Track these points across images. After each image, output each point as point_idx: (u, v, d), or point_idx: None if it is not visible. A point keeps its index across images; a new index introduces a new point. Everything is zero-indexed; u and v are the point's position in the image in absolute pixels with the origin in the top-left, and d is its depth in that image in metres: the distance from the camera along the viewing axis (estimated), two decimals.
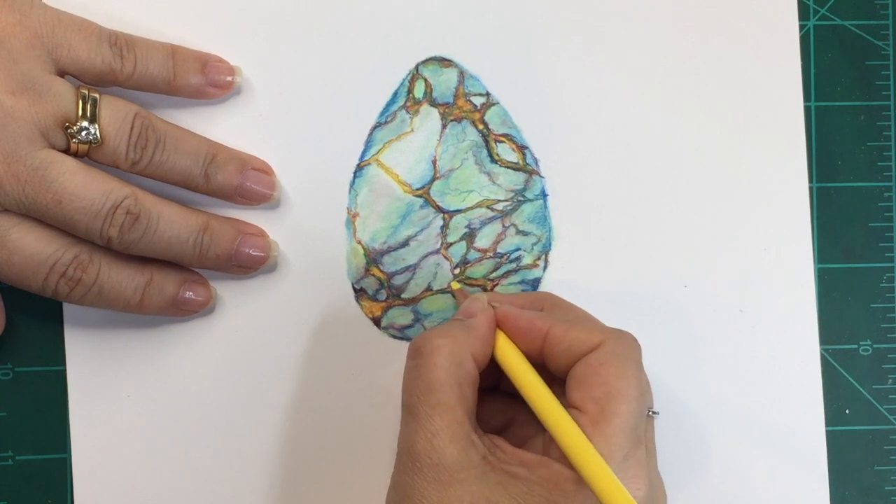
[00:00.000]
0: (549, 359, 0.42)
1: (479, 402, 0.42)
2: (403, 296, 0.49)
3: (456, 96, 0.49)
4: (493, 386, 0.45)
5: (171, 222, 0.45)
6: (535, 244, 0.49)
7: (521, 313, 0.43)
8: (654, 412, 0.42)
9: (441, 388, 0.40)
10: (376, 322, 0.49)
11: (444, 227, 0.49)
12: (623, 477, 0.38)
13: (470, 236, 0.49)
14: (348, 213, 0.49)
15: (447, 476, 0.39)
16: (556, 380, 0.42)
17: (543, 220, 0.49)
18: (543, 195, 0.49)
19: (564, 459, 0.39)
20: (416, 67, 0.49)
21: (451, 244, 0.49)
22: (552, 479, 0.39)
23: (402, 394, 0.41)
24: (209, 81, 0.47)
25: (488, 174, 0.49)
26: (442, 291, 0.49)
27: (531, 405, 0.41)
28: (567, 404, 0.41)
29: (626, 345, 0.41)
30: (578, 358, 0.41)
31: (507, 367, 0.42)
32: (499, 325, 0.43)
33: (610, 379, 0.40)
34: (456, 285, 0.48)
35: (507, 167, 0.49)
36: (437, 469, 0.39)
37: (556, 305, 0.44)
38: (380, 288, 0.49)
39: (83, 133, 0.43)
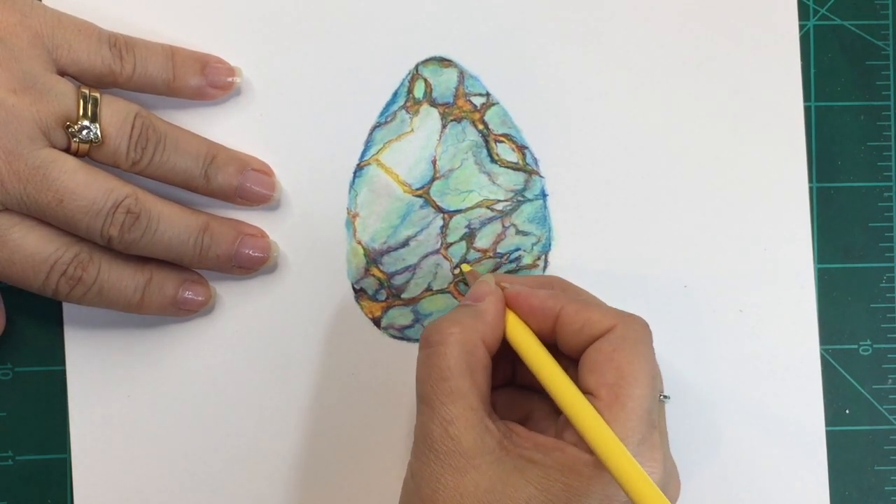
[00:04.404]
0: (561, 339, 0.42)
1: (495, 396, 0.43)
2: (403, 296, 0.49)
3: (456, 96, 0.49)
4: (509, 379, 0.45)
5: (171, 222, 0.45)
6: (534, 244, 0.49)
7: (532, 292, 0.43)
8: (665, 396, 0.42)
9: (453, 376, 0.40)
10: (376, 322, 0.49)
11: (444, 227, 0.49)
12: (638, 461, 0.38)
13: (470, 236, 0.49)
14: (348, 213, 0.49)
15: (463, 462, 0.39)
16: (569, 365, 0.42)
17: (543, 220, 0.49)
18: (543, 195, 0.49)
19: (580, 443, 0.39)
20: (416, 67, 0.49)
21: (451, 244, 0.49)
22: (568, 462, 0.39)
23: (416, 384, 0.42)
24: (209, 82, 0.47)
25: (488, 174, 0.49)
26: (442, 291, 0.49)
27: (545, 385, 0.41)
28: (581, 390, 0.40)
29: (638, 328, 0.41)
30: (591, 340, 0.41)
31: (519, 347, 0.42)
32: (509, 305, 0.43)
33: (622, 364, 0.40)
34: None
35: (507, 167, 0.49)
36: (453, 456, 0.39)
37: (565, 288, 0.45)
38: (380, 288, 0.49)
39: (84, 132, 0.43)
